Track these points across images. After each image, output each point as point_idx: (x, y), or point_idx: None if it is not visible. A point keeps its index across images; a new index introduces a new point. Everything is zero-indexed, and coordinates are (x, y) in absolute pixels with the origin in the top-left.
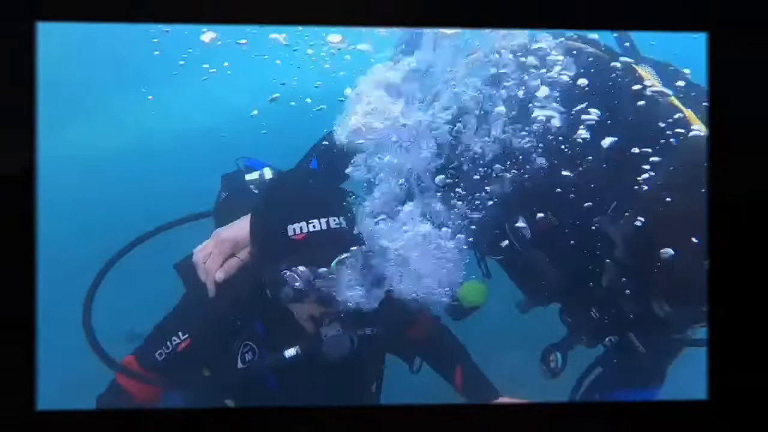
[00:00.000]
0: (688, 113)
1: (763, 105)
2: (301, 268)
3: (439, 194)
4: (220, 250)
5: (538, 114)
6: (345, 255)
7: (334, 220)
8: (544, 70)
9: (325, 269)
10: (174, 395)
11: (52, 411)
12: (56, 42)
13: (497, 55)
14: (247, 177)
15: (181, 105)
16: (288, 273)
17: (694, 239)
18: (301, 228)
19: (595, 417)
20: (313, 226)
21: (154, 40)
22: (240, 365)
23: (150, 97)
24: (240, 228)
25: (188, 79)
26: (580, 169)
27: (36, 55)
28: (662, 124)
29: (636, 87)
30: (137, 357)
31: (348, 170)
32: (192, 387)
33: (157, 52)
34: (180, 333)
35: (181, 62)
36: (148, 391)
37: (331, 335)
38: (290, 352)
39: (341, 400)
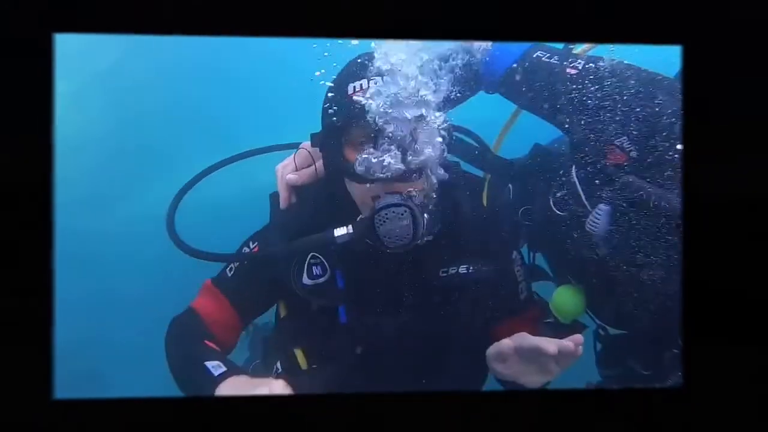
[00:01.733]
0: None
1: (738, 113)
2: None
3: None
4: (297, 158)
5: None
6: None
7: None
8: None
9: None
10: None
11: (69, 399)
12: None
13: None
14: None
15: None
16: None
17: None
18: (362, 85)
19: (572, 403)
20: (375, 82)
21: None
22: (307, 280)
23: None
24: None
25: None
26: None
27: (53, 65)
28: None
29: None
30: (214, 279)
31: None
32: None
33: None
34: (251, 242)
35: None
36: (224, 312)
37: (385, 203)
38: (340, 230)
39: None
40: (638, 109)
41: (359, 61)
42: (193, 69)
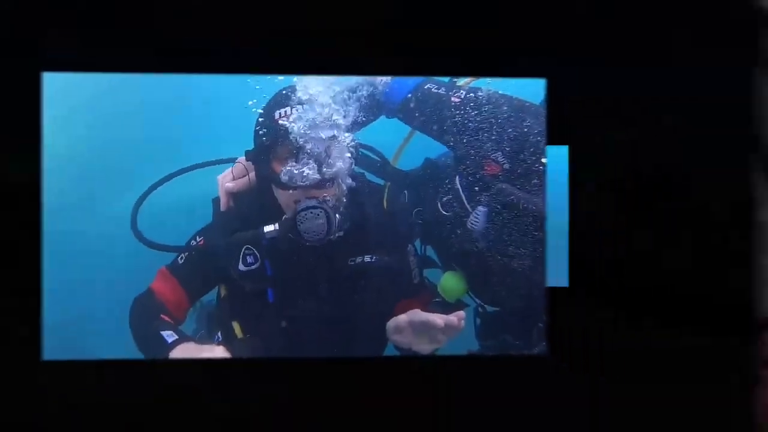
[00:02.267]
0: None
1: (590, 132)
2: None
3: None
4: (234, 170)
5: None
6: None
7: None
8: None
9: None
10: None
11: (58, 360)
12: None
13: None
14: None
15: None
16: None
17: None
18: (286, 111)
19: (456, 366)
20: (297, 109)
21: None
22: (242, 267)
23: None
24: None
25: None
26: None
27: (41, 100)
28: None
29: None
30: (167, 266)
31: None
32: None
33: None
34: (197, 237)
35: None
36: (175, 292)
37: (305, 205)
38: (269, 227)
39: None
40: (510, 130)
41: (284, 92)
42: (153, 101)
